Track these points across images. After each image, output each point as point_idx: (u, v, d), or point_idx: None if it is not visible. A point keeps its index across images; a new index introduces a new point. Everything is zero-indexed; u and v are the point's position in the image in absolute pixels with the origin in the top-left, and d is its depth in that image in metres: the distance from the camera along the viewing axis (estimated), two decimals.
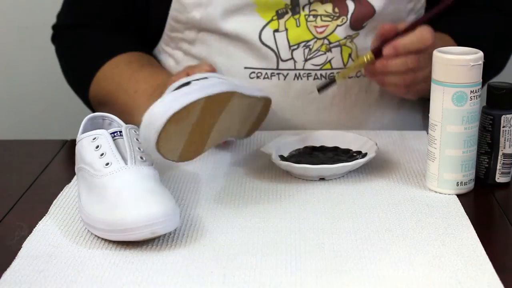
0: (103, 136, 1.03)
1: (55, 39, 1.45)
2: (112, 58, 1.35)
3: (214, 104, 1.06)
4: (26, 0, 1.84)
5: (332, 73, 1.31)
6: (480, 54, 1.07)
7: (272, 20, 1.29)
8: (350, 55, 1.31)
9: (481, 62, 1.07)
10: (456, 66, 1.06)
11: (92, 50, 1.39)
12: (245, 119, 1.16)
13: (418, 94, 1.27)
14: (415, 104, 1.40)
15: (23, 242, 0.97)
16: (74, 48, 1.41)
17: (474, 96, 1.07)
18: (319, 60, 1.31)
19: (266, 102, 1.20)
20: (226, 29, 1.30)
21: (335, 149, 1.20)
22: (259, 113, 1.20)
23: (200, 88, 1.05)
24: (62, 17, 1.44)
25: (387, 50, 1.18)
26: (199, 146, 1.08)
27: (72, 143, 1.12)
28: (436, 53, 1.08)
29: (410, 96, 1.28)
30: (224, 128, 1.11)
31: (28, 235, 0.99)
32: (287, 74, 1.31)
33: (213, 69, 1.21)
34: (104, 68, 1.35)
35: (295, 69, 1.31)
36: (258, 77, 1.32)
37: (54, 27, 1.45)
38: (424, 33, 1.19)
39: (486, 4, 1.39)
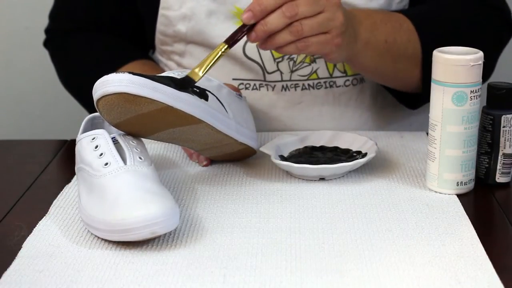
0: (102, 136, 1.03)
1: (49, 43, 1.43)
2: (125, 64, 1.34)
3: (173, 115, 1.03)
4: (26, 0, 1.84)
5: (319, 82, 1.31)
6: (480, 54, 1.07)
7: None
8: (335, 64, 1.31)
9: (481, 62, 1.07)
10: (456, 66, 1.06)
11: (103, 56, 1.37)
12: (211, 147, 1.13)
13: (338, 49, 1.13)
14: (410, 113, 1.39)
15: (23, 242, 0.97)
16: (79, 53, 1.39)
17: (474, 96, 1.07)
18: (305, 71, 1.31)
19: (247, 149, 1.16)
20: (211, 42, 1.29)
21: (335, 149, 1.20)
22: (233, 152, 1.16)
23: (171, 94, 1.02)
24: (57, 21, 1.41)
25: (244, 16, 1.07)
26: (141, 132, 1.07)
27: (72, 143, 1.12)
28: (436, 53, 1.08)
29: (332, 57, 1.14)
30: (180, 138, 1.09)
31: (28, 235, 0.99)
32: (275, 85, 1.31)
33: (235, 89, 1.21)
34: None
35: (282, 80, 1.31)
36: (246, 88, 1.31)
37: (48, 31, 1.42)
38: None
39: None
